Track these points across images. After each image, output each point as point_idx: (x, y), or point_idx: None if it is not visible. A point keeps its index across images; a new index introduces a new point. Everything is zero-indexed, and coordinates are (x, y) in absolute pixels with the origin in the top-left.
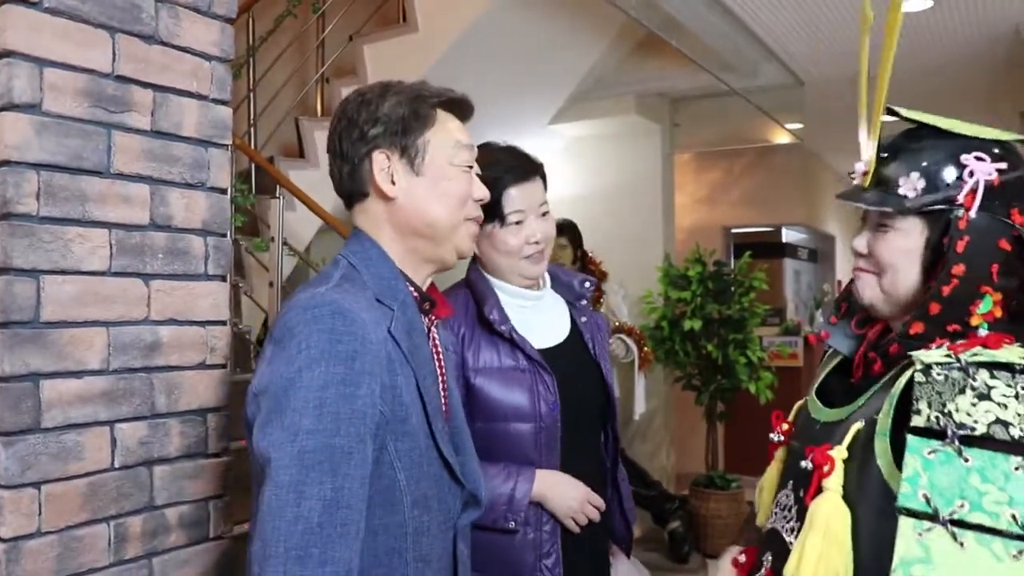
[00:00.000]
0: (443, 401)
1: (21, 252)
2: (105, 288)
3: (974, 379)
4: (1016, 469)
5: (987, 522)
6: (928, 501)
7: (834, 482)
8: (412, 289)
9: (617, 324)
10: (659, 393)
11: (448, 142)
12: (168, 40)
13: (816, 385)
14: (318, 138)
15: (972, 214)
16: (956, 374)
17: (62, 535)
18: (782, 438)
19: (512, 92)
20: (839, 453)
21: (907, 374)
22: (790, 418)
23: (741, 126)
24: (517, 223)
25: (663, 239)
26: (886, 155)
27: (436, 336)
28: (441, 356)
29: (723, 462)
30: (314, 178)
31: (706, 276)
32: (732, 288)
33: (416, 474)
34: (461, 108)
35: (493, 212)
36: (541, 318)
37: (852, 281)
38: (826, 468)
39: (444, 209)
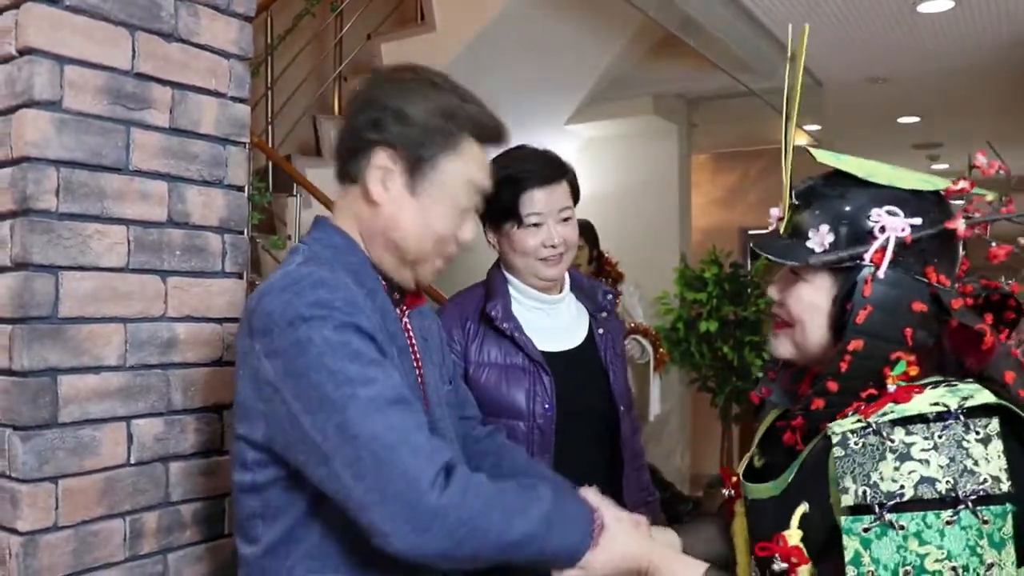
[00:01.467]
0: (421, 391)
1: (40, 248)
2: (123, 284)
3: (891, 440)
4: (948, 524)
5: None
6: None
7: (807, 571)
8: (379, 277)
9: (633, 325)
10: (674, 394)
11: (460, 177)
12: (187, 38)
13: (757, 439)
14: (335, 136)
15: (881, 274)
16: (872, 439)
17: (78, 529)
18: (734, 492)
19: (529, 92)
20: (794, 537)
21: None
22: (740, 469)
23: (758, 127)
24: (535, 225)
25: (679, 240)
26: (799, 202)
27: (409, 325)
28: (416, 346)
29: (738, 463)
30: (331, 176)
31: (722, 278)
32: (748, 290)
33: None
34: (493, 138)
35: (510, 213)
36: (556, 322)
37: None
38: (794, 560)
39: (420, 237)
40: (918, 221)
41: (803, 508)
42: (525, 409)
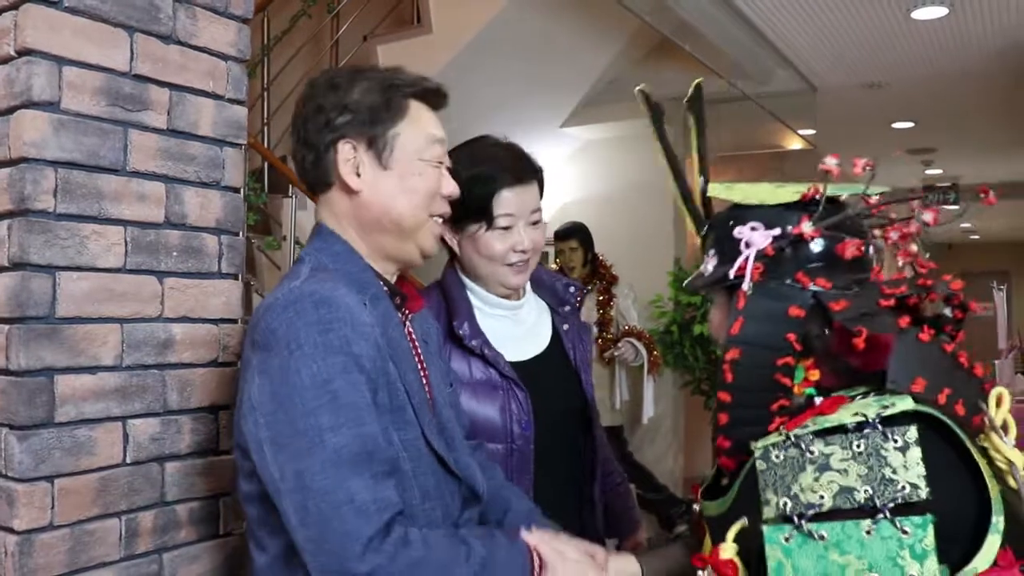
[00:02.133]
0: (427, 394)
1: (38, 248)
2: (120, 285)
3: (810, 452)
4: (868, 533)
5: None
6: None
7: None
8: (382, 283)
9: (627, 328)
10: (668, 397)
11: (419, 135)
12: (185, 40)
13: (711, 473)
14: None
15: (745, 286)
16: (792, 452)
17: (74, 528)
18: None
19: (525, 94)
20: (730, 552)
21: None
22: (701, 488)
23: (754, 131)
24: (505, 228)
25: (674, 243)
26: (707, 234)
27: (411, 329)
28: (419, 349)
29: None
30: None
31: None
32: None
33: (423, 466)
34: (435, 98)
35: (481, 213)
36: (520, 329)
37: None
38: (727, 574)
39: (410, 205)
40: (777, 232)
41: (741, 523)
42: (502, 430)
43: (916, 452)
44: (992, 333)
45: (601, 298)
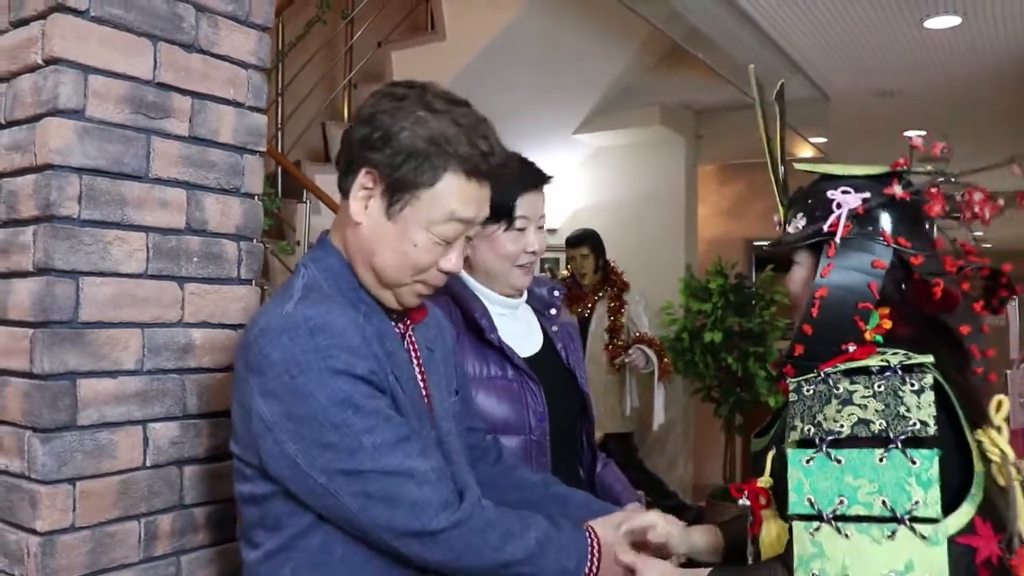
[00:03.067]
0: (427, 405)
1: (62, 254)
2: (141, 290)
3: (836, 388)
4: (880, 460)
5: (863, 512)
6: (812, 504)
7: (770, 511)
8: (373, 299)
9: (637, 334)
10: (678, 404)
11: (438, 210)
12: (207, 48)
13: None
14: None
15: (837, 239)
16: (821, 387)
17: (95, 530)
18: (765, 500)
19: (537, 101)
20: (765, 482)
21: None
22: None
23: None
24: (520, 230)
25: (685, 250)
26: (790, 205)
27: (414, 339)
28: (421, 360)
29: (741, 474)
30: None
31: (727, 288)
32: (753, 301)
33: None
34: (486, 174)
35: (505, 214)
36: (519, 326)
37: None
38: (762, 500)
39: (395, 265)
40: (867, 195)
41: (772, 454)
42: (520, 423)
43: (930, 396)
44: (1005, 342)
45: (612, 305)
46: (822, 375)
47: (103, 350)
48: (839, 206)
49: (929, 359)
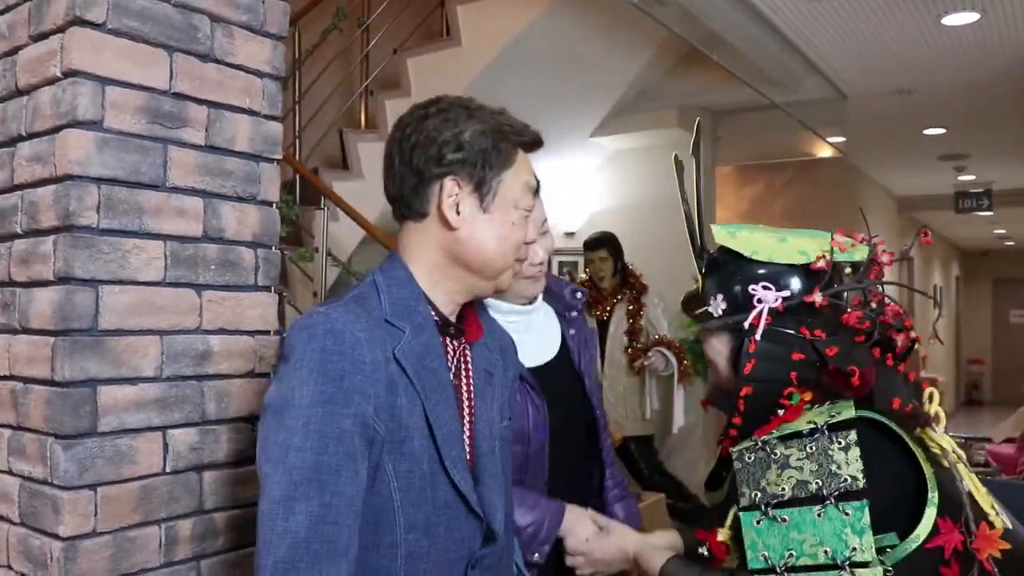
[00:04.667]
0: (467, 427)
1: (82, 263)
2: (160, 298)
3: (774, 453)
4: (819, 516)
5: (810, 562)
6: (767, 560)
7: (728, 559)
8: (434, 312)
9: (657, 337)
10: (698, 407)
11: (519, 184)
12: (222, 58)
13: (712, 466)
14: (362, 150)
15: (758, 336)
16: (760, 454)
17: (116, 535)
18: None
19: (554, 105)
20: (725, 535)
21: None
22: (704, 479)
23: (783, 140)
24: (526, 243)
25: None
26: (709, 269)
27: (469, 359)
28: (471, 380)
29: None
30: (357, 189)
31: None
32: None
33: (416, 497)
34: (535, 146)
35: None
36: (532, 336)
37: None
38: (720, 554)
39: (501, 251)
40: (787, 293)
41: (734, 510)
42: (520, 435)
43: (855, 451)
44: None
45: (631, 307)
46: (760, 443)
47: (123, 357)
48: (760, 301)
49: (850, 412)
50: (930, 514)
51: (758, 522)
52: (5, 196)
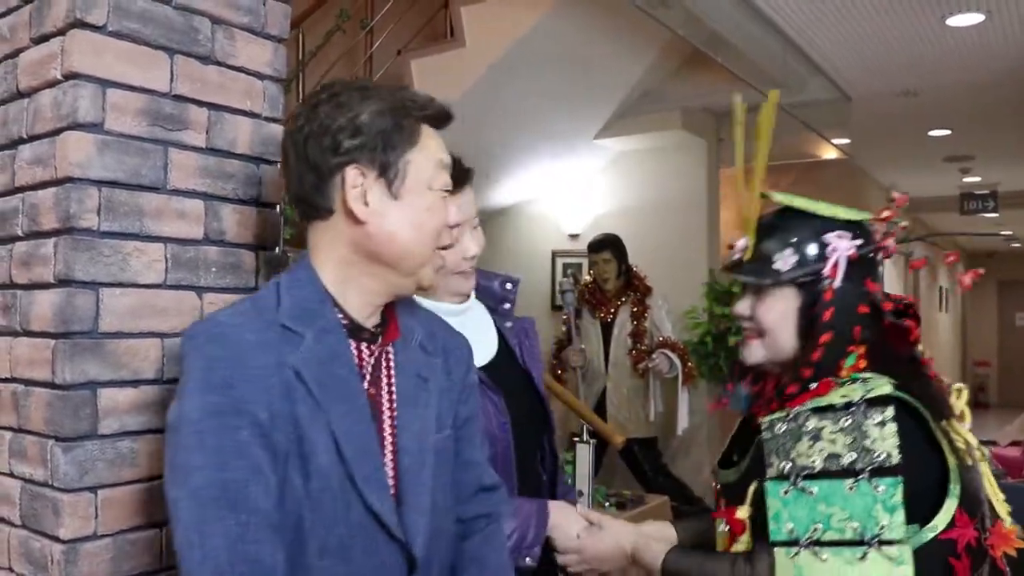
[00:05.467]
0: (389, 440)
1: (82, 265)
2: (160, 300)
3: (805, 425)
4: (850, 489)
5: (836, 537)
6: (791, 532)
7: (744, 539)
8: (342, 316)
9: (661, 339)
10: (702, 409)
11: (430, 162)
12: (223, 60)
13: (724, 448)
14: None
15: (836, 284)
16: (791, 425)
17: (117, 538)
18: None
19: (558, 107)
20: (744, 513)
21: None
22: (715, 460)
23: (787, 141)
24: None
25: (708, 254)
26: (762, 233)
27: (392, 364)
28: (395, 385)
29: None
30: None
31: None
32: None
33: (328, 519)
34: (443, 120)
35: None
36: (469, 334)
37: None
38: (736, 529)
39: (419, 240)
40: (860, 242)
41: (754, 485)
42: (487, 434)
43: (892, 427)
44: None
45: (635, 310)
46: (791, 414)
47: (123, 360)
48: (834, 250)
49: (887, 389)
50: (950, 506)
51: (785, 493)
52: (6, 198)
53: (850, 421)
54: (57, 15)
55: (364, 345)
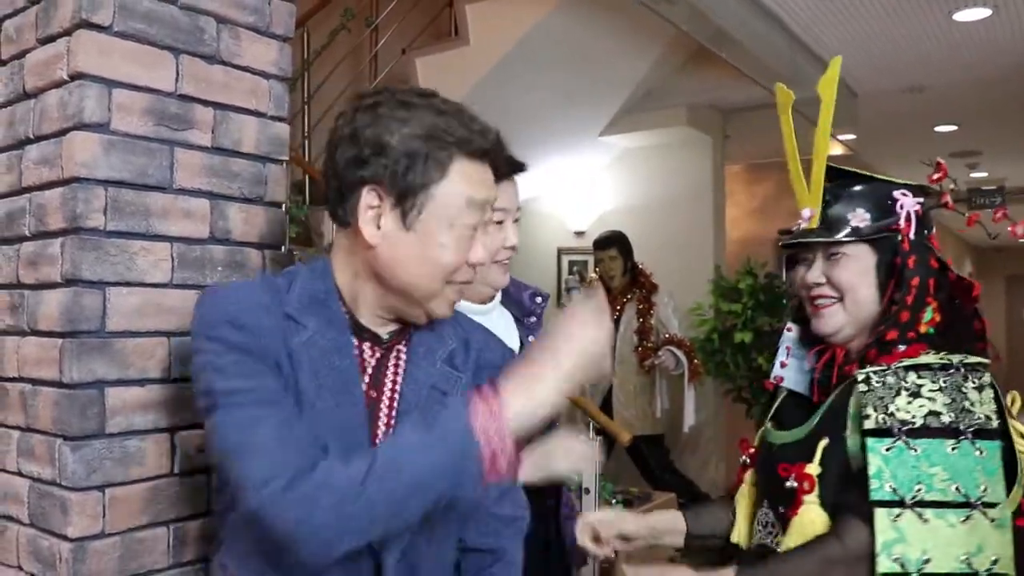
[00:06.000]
0: (368, 432)
1: (89, 265)
2: (167, 299)
3: (905, 381)
4: (952, 449)
5: (939, 498)
6: (895, 491)
7: (814, 496)
8: (347, 313)
9: (667, 336)
10: (709, 406)
11: (457, 200)
12: (229, 60)
13: (770, 415)
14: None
15: (911, 236)
16: (891, 379)
17: (124, 536)
18: (749, 461)
19: (563, 104)
20: (814, 469)
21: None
22: (756, 443)
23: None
24: (498, 223)
25: (714, 251)
26: (829, 200)
27: (400, 371)
28: (398, 394)
29: None
30: None
31: (757, 288)
32: (784, 300)
33: None
34: (489, 155)
35: None
36: None
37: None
38: (806, 485)
39: (424, 275)
40: (922, 199)
41: (824, 443)
42: None
43: (990, 392)
44: None
45: (641, 307)
46: (891, 368)
47: (130, 359)
48: (902, 206)
49: (986, 360)
50: (1017, 493)
51: (888, 449)
52: (13, 199)
53: (949, 381)
54: (63, 16)
55: (368, 345)
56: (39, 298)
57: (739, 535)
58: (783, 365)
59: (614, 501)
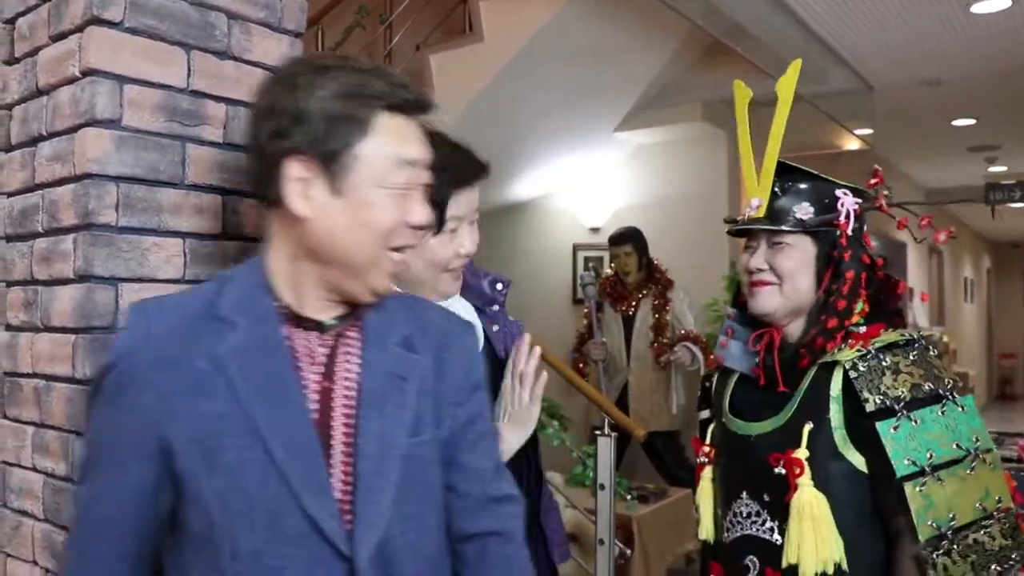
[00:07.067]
0: (342, 440)
1: (101, 261)
2: None
3: (884, 361)
4: (941, 413)
5: (948, 457)
6: (913, 463)
7: (806, 478)
8: (279, 304)
9: (682, 332)
10: None
11: (384, 158)
12: (240, 55)
13: (726, 407)
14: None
15: (849, 232)
16: (872, 362)
17: None
18: (707, 460)
19: (577, 100)
20: (802, 453)
21: (837, 376)
22: (708, 441)
23: (809, 133)
24: (452, 231)
25: (729, 246)
26: (777, 193)
27: (356, 359)
28: (364, 382)
29: None
30: None
31: None
32: None
33: (245, 523)
34: (416, 108)
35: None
36: None
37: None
38: (798, 470)
39: (361, 241)
40: (860, 200)
41: (808, 427)
42: None
43: (945, 360)
44: None
45: (656, 302)
46: (869, 351)
47: None
48: (843, 204)
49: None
50: None
51: (895, 428)
52: (26, 195)
53: (916, 354)
54: (75, 12)
55: (315, 335)
56: (52, 294)
57: (706, 531)
58: (723, 346)
59: (629, 497)
